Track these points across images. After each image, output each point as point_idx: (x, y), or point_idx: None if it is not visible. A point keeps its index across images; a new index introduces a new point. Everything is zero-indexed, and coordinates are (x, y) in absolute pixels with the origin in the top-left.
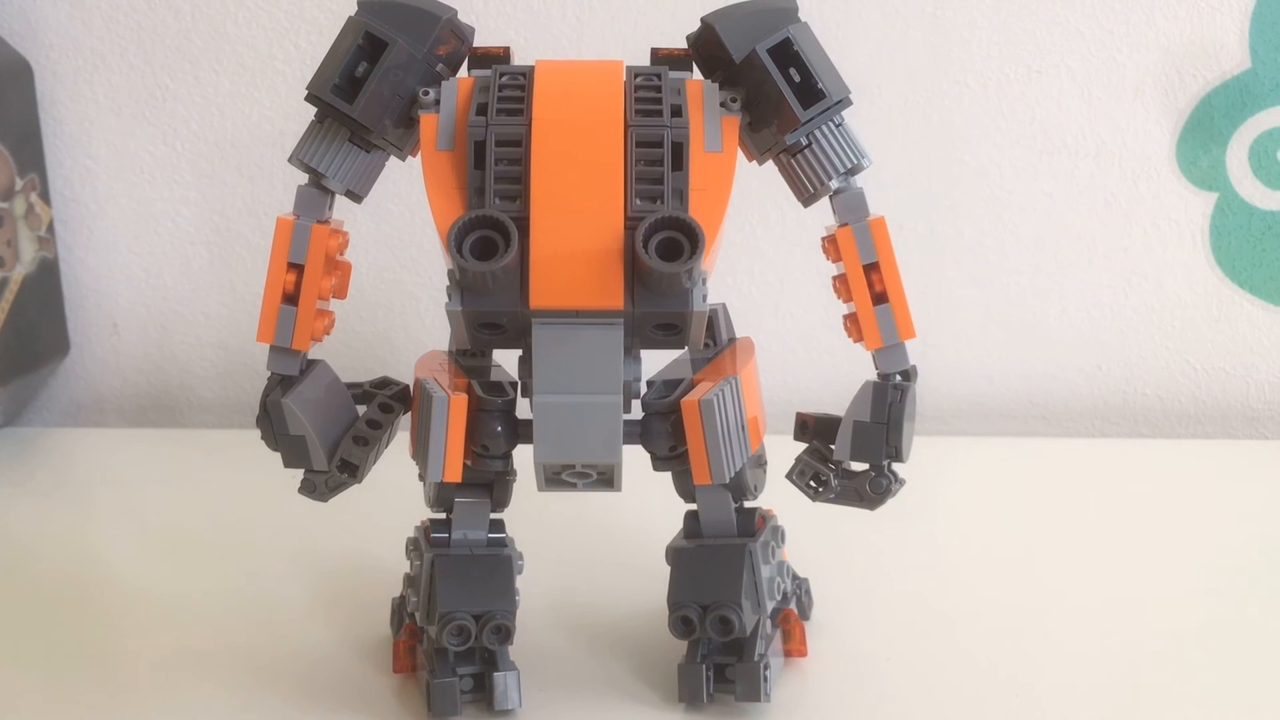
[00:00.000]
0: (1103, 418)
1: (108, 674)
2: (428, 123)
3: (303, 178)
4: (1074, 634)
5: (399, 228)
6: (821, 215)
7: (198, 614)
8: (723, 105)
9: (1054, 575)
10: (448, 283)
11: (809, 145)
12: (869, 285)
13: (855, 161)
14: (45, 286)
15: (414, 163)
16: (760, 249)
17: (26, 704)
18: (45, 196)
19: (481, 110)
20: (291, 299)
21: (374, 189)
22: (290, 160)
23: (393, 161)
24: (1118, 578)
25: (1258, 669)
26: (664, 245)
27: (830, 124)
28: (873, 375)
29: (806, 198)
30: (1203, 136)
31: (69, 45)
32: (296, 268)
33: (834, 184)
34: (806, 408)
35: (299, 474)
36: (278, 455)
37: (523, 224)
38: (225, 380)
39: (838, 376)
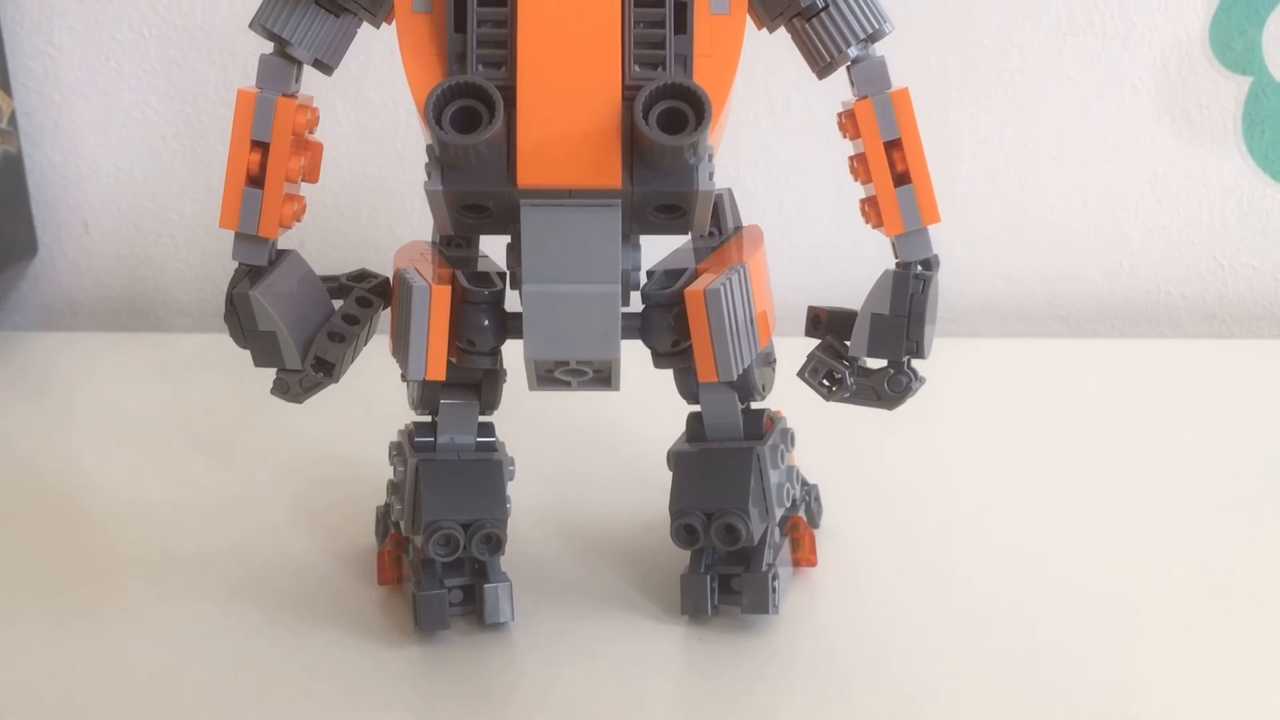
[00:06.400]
0: (1124, 318)
1: (84, 581)
2: None
3: (267, 47)
4: (1091, 541)
5: (382, 119)
6: (835, 94)
7: (175, 524)
8: None
9: (1072, 481)
10: (426, 160)
11: (826, 7)
12: (890, 165)
13: (876, 27)
14: (10, 183)
15: (394, 40)
16: (765, 140)
17: (3, 610)
18: (6, 86)
19: None
20: (257, 181)
21: (355, 75)
22: (251, 26)
23: (372, 42)
24: (1138, 482)
25: None
26: (666, 116)
27: None
28: (891, 265)
29: (822, 68)
30: (1238, 17)
31: None
32: (261, 146)
33: (853, 51)
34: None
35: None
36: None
37: (509, 93)
38: (202, 282)
39: (846, 277)
